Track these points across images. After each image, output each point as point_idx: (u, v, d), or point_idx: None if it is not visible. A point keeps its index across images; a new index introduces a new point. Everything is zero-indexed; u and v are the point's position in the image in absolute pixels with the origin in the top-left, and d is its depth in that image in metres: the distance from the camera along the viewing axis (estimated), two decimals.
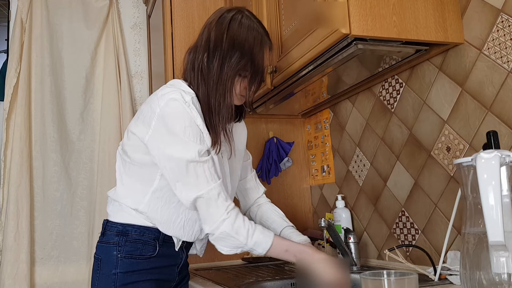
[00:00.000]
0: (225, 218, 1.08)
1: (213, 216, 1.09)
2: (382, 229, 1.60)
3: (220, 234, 1.09)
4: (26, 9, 2.26)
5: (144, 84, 2.50)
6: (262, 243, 1.09)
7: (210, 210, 1.09)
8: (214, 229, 1.09)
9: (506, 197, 0.77)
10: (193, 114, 1.10)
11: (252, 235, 1.09)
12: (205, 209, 1.10)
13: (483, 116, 1.19)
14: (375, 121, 1.64)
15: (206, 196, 1.08)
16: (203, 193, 1.08)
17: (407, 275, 0.76)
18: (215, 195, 1.09)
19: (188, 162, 1.08)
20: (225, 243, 1.10)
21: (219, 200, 1.09)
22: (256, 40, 1.17)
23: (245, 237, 1.08)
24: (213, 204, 1.09)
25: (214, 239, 1.11)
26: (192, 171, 1.08)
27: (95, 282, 1.18)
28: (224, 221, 1.08)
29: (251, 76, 1.17)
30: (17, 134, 2.13)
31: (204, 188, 1.08)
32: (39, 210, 2.17)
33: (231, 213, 1.09)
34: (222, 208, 1.09)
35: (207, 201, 1.09)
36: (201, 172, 1.09)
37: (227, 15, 1.18)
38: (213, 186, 1.09)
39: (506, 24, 1.12)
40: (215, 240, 1.11)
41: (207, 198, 1.09)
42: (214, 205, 1.09)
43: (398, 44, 1.23)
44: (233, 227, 1.08)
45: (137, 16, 2.56)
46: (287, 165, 2.07)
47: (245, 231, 1.09)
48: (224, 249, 1.11)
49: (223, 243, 1.10)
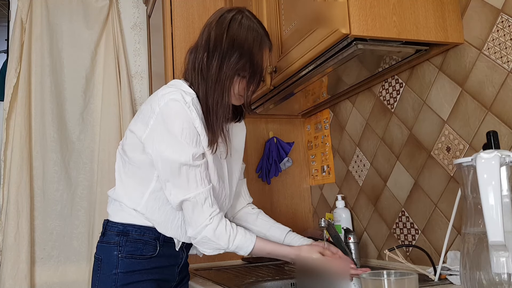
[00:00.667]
0: (207, 224, 1.11)
1: (196, 220, 1.12)
2: (382, 229, 1.60)
3: (201, 238, 1.12)
4: (26, 9, 2.26)
5: (144, 84, 2.50)
6: (243, 247, 1.14)
7: (195, 214, 1.12)
8: (196, 234, 1.12)
9: (506, 197, 0.77)
10: (192, 115, 1.10)
11: (233, 240, 1.13)
12: (190, 212, 1.12)
13: (483, 116, 1.19)
14: (375, 121, 1.64)
15: (193, 200, 1.11)
16: (191, 197, 1.11)
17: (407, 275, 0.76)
18: (201, 200, 1.11)
19: (182, 165, 1.09)
20: (207, 246, 1.14)
21: (205, 205, 1.12)
22: (255, 41, 1.17)
23: (226, 242, 1.13)
24: (198, 209, 1.11)
25: (197, 242, 1.14)
26: (184, 174, 1.10)
27: (96, 282, 1.18)
28: (206, 226, 1.11)
29: (249, 76, 1.17)
30: (17, 134, 2.13)
31: (193, 192, 1.11)
32: (39, 210, 2.17)
33: (214, 219, 1.12)
34: (207, 213, 1.12)
35: (193, 205, 1.11)
36: (192, 176, 1.10)
37: (227, 15, 1.19)
38: (202, 191, 1.11)
39: (506, 24, 1.12)
40: (197, 243, 1.14)
41: (194, 202, 1.11)
42: (199, 210, 1.11)
43: (398, 44, 1.23)
44: (214, 233, 1.11)
45: (137, 16, 2.56)
46: (287, 165, 2.07)
47: (226, 237, 1.12)
48: (207, 251, 1.15)
49: (205, 246, 1.14)
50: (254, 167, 2.06)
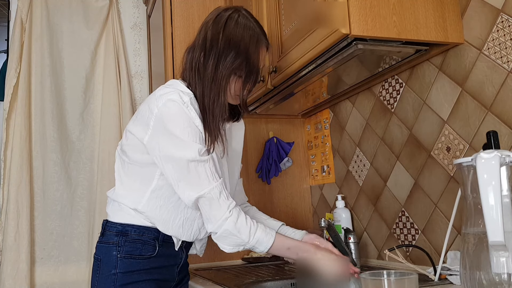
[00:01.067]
0: (228, 216, 1.09)
1: (215, 215, 1.10)
2: (382, 229, 1.60)
3: (223, 232, 1.10)
4: (26, 9, 2.26)
5: (144, 84, 2.50)
6: (264, 241, 1.11)
7: (213, 209, 1.10)
8: (217, 228, 1.10)
9: (506, 197, 0.77)
10: (192, 115, 1.10)
11: (254, 233, 1.11)
12: (208, 208, 1.11)
13: (483, 116, 1.19)
14: (375, 121, 1.64)
15: (208, 195, 1.09)
16: (205, 192, 1.09)
17: (407, 275, 0.76)
18: (217, 194, 1.10)
19: (189, 161, 1.08)
20: (228, 241, 1.11)
21: (221, 198, 1.10)
22: (252, 40, 1.16)
23: (247, 235, 1.10)
24: (215, 203, 1.10)
25: (217, 237, 1.12)
26: (194, 170, 1.09)
27: (95, 283, 1.18)
28: (227, 219, 1.09)
29: (245, 75, 1.16)
30: (17, 134, 2.13)
31: (206, 187, 1.09)
32: (39, 210, 2.17)
33: (233, 212, 1.10)
34: (224, 206, 1.10)
35: (210, 200, 1.10)
36: (202, 171, 1.09)
37: (224, 14, 1.19)
38: (215, 185, 1.10)
39: (506, 24, 1.12)
40: (218, 238, 1.12)
41: (209, 197, 1.10)
42: (216, 204, 1.10)
43: (398, 44, 1.23)
44: (235, 226, 1.09)
45: (137, 16, 2.56)
46: (287, 165, 2.07)
47: (247, 230, 1.10)
48: (227, 248, 1.13)
49: (226, 241, 1.12)
50: (254, 167, 2.06)
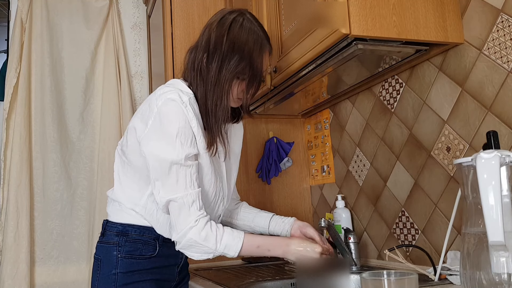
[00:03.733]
0: (193, 225, 1.08)
1: (181, 223, 1.08)
2: (382, 229, 1.60)
3: (187, 241, 1.08)
4: (26, 9, 2.26)
5: (144, 84, 2.50)
6: (232, 245, 1.10)
7: (181, 216, 1.08)
8: (181, 237, 1.08)
9: (506, 197, 0.77)
10: (189, 115, 1.10)
11: (221, 240, 1.09)
12: (177, 214, 1.09)
13: (483, 116, 1.19)
14: (375, 121, 1.64)
15: (180, 201, 1.08)
16: (178, 197, 1.08)
17: (407, 275, 0.76)
18: (189, 202, 1.08)
19: (172, 163, 1.07)
20: (194, 250, 1.10)
21: (192, 208, 1.09)
22: (256, 44, 1.16)
23: (214, 243, 1.08)
24: (185, 211, 1.08)
25: (182, 247, 1.10)
26: (174, 173, 1.08)
27: (95, 283, 1.18)
28: (191, 228, 1.08)
29: (249, 80, 1.16)
30: (17, 134, 2.13)
31: (181, 193, 1.08)
32: (39, 210, 2.17)
33: (200, 221, 1.08)
34: (193, 216, 1.08)
35: (180, 206, 1.08)
36: (182, 176, 1.08)
37: (229, 17, 1.18)
38: (190, 193, 1.09)
39: (506, 24, 1.12)
40: (183, 248, 1.10)
41: (181, 203, 1.08)
42: (185, 212, 1.08)
43: (398, 44, 1.23)
44: (200, 235, 1.08)
45: (137, 16, 2.56)
46: (287, 165, 2.07)
47: (213, 237, 1.09)
48: (195, 255, 1.11)
49: (192, 250, 1.10)
50: (254, 167, 2.06)
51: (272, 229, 1.33)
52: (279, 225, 1.31)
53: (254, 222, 1.35)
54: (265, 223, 1.34)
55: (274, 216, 1.35)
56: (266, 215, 1.35)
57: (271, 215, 1.35)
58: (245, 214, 1.38)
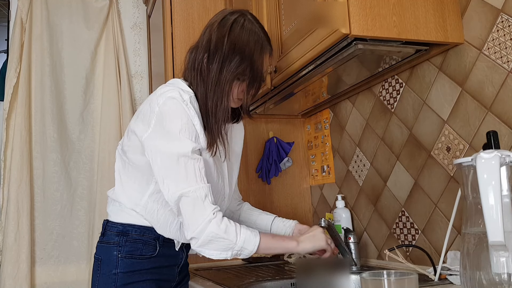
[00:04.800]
0: (211, 218, 1.03)
1: (198, 217, 1.03)
2: (382, 229, 1.60)
3: (207, 236, 1.03)
4: (26, 9, 2.26)
5: (144, 84, 2.50)
6: (251, 238, 1.06)
7: (196, 211, 1.04)
8: (199, 232, 1.03)
9: (506, 197, 0.77)
10: (191, 113, 1.09)
11: (240, 232, 1.05)
12: (191, 210, 1.04)
13: (483, 116, 1.19)
14: (375, 121, 1.64)
15: (193, 194, 1.04)
16: (191, 190, 1.04)
17: (407, 275, 0.76)
18: (202, 196, 1.04)
19: (180, 155, 1.05)
20: (215, 246, 1.04)
21: (206, 201, 1.04)
22: (257, 45, 1.16)
23: (234, 235, 1.04)
24: (199, 205, 1.04)
25: (201, 244, 1.04)
26: (183, 165, 1.05)
27: (96, 283, 1.18)
28: (211, 221, 1.03)
29: (249, 81, 1.16)
30: (17, 134, 2.13)
31: (193, 185, 1.04)
32: (39, 210, 2.17)
33: (217, 214, 1.05)
34: (209, 209, 1.04)
35: (194, 201, 1.04)
36: (191, 168, 1.05)
37: (230, 18, 1.18)
38: (202, 186, 1.05)
39: (506, 24, 1.12)
40: (202, 244, 1.04)
41: (194, 197, 1.04)
42: (200, 206, 1.04)
43: (398, 44, 1.23)
44: (220, 227, 1.03)
45: (137, 16, 2.56)
46: (287, 165, 2.07)
47: (233, 229, 1.05)
48: (214, 253, 1.05)
49: (212, 246, 1.04)
50: (254, 167, 2.06)
51: (273, 232, 1.33)
52: (281, 228, 1.31)
53: (256, 224, 1.35)
54: (266, 225, 1.34)
55: (276, 218, 1.35)
56: (268, 217, 1.35)
57: (273, 217, 1.35)
58: (247, 215, 1.38)
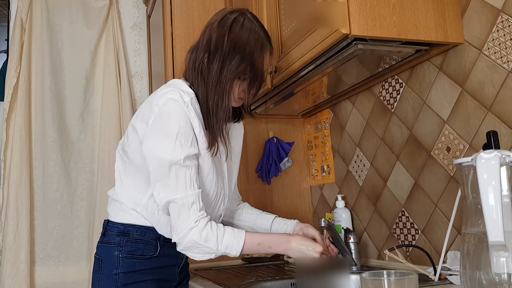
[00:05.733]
0: (193, 226, 1.07)
1: (181, 224, 1.07)
2: (382, 229, 1.60)
3: (188, 242, 1.08)
4: (26, 9, 2.26)
5: (144, 84, 2.50)
6: (234, 245, 1.09)
7: (180, 217, 1.08)
8: (181, 238, 1.08)
9: (506, 197, 0.77)
10: (191, 115, 1.09)
11: (221, 240, 1.08)
12: (176, 215, 1.08)
13: (483, 116, 1.19)
14: (375, 121, 1.64)
15: (180, 202, 1.07)
16: (178, 198, 1.07)
17: (407, 275, 0.76)
18: (188, 203, 1.08)
19: (172, 164, 1.07)
20: (196, 250, 1.09)
21: (192, 208, 1.08)
22: (257, 44, 1.16)
23: (215, 243, 1.08)
24: (184, 212, 1.07)
25: (183, 248, 1.10)
26: (174, 173, 1.07)
27: (96, 283, 1.18)
28: (192, 229, 1.07)
29: (250, 80, 1.16)
30: (17, 134, 2.13)
31: (180, 193, 1.07)
32: (39, 210, 2.17)
33: (200, 222, 1.08)
34: (193, 217, 1.07)
35: (180, 207, 1.08)
36: (181, 177, 1.08)
37: (230, 17, 1.18)
38: (190, 194, 1.08)
39: (506, 24, 1.12)
40: (184, 249, 1.10)
41: (181, 204, 1.07)
42: (185, 213, 1.07)
43: (398, 44, 1.23)
44: (200, 235, 1.07)
45: (137, 16, 2.56)
46: (287, 165, 2.07)
47: (214, 238, 1.08)
48: (197, 256, 1.10)
49: (194, 251, 1.09)
50: (254, 167, 2.06)
51: (274, 231, 1.33)
52: (281, 228, 1.31)
53: (256, 224, 1.36)
54: (267, 225, 1.34)
55: (276, 218, 1.35)
56: (268, 216, 1.35)
57: (273, 217, 1.35)
58: (247, 215, 1.38)
